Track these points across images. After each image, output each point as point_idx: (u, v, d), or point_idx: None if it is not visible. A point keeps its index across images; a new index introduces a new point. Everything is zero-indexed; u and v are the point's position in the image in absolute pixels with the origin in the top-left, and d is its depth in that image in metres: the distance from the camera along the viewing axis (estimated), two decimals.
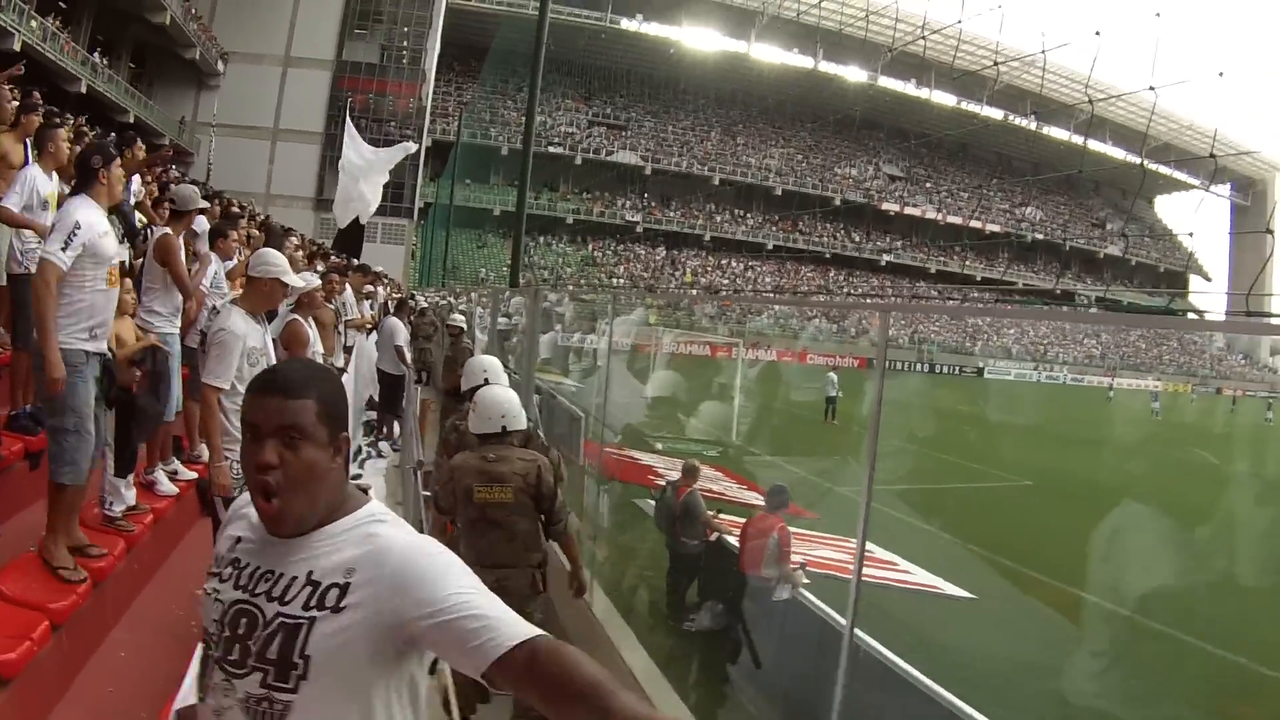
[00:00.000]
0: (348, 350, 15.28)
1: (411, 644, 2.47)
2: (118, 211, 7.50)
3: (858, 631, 5.96)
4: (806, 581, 10.61)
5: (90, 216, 6.47)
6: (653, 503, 14.09)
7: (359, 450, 16.67)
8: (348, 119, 26.32)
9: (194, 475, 9.87)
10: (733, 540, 12.07)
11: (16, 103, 10.43)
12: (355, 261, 27.52)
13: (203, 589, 2.65)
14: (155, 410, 8.54)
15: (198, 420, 10.27)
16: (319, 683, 2.42)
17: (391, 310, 21.83)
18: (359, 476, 15.03)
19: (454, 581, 2.42)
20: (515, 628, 2.33)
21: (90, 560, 6.91)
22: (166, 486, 9.30)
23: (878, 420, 5.57)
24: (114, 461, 7.83)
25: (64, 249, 6.25)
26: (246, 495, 2.64)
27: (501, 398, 7.61)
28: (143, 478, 9.05)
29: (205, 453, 9.81)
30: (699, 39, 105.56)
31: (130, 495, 8.21)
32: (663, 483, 14.10)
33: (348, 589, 2.44)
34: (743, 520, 12.49)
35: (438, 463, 9.06)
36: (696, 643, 11.29)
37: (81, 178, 6.78)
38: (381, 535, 2.53)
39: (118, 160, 6.85)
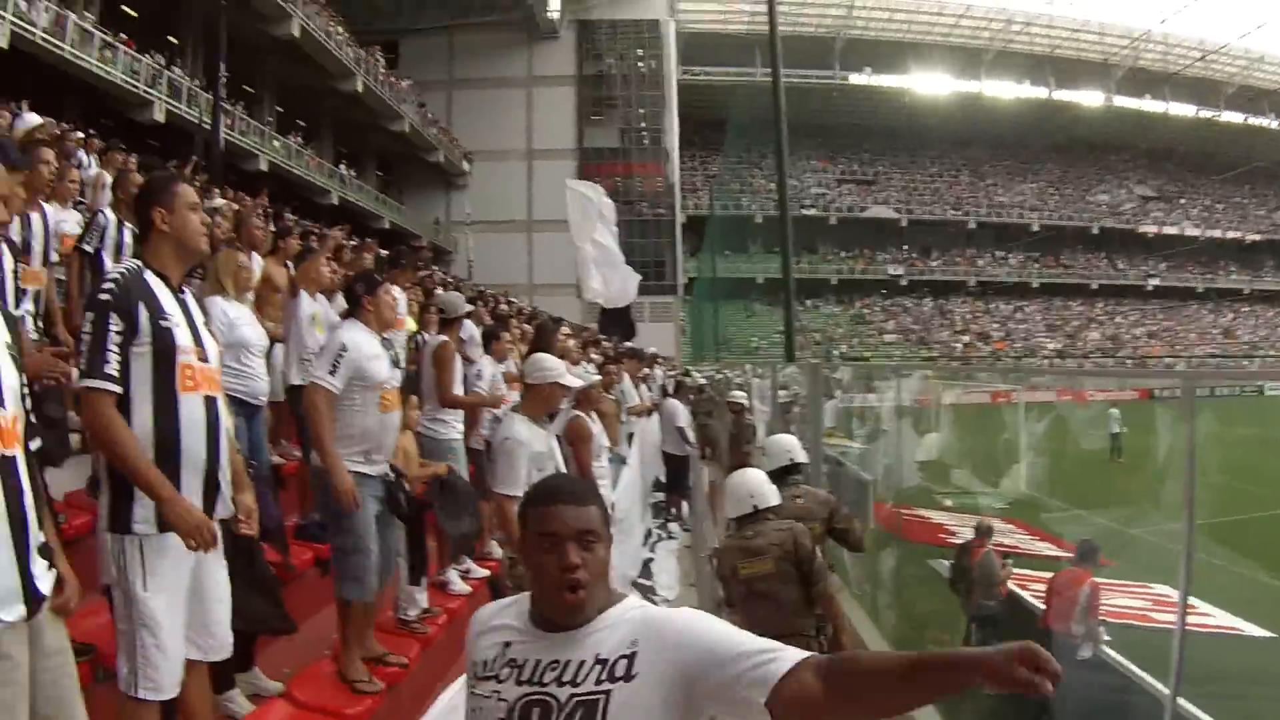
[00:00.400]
0: (629, 437, 15.38)
1: (695, 696, 2.64)
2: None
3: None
4: (1107, 638, 10.26)
5: (357, 338, 6.63)
6: (946, 562, 13.79)
7: (649, 533, 16.78)
8: (590, 195, 25.13)
9: (486, 573, 10.01)
10: (1028, 596, 11.77)
11: (272, 230, 10.83)
12: (626, 345, 27.64)
13: (472, 693, 2.85)
14: (460, 533, 8.64)
15: (487, 518, 10.49)
16: None
17: (670, 391, 21.92)
18: (651, 560, 15.09)
19: (722, 630, 2.75)
20: (788, 652, 2.58)
21: (387, 668, 7.11)
22: (459, 586, 9.47)
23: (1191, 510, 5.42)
24: (407, 570, 7.99)
25: (331, 373, 6.44)
26: (494, 607, 3.05)
27: (747, 480, 7.80)
28: (435, 578, 9.23)
29: (495, 549, 10.00)
30: (930, 84, 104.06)
31: (423, 599, 8.39)
32: (955, 541, 13.83)
33: (634, 657, 2.67)
34: (1036, 574, 12.17)
35: None
36: (993, 706, 10.95)
37: (349, 305, 7.00)
38: (650, 610, 2.86)
39: (383, 286, 7.02)
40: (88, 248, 8.79)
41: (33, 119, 11.18)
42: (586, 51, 78.81)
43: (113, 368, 4.26)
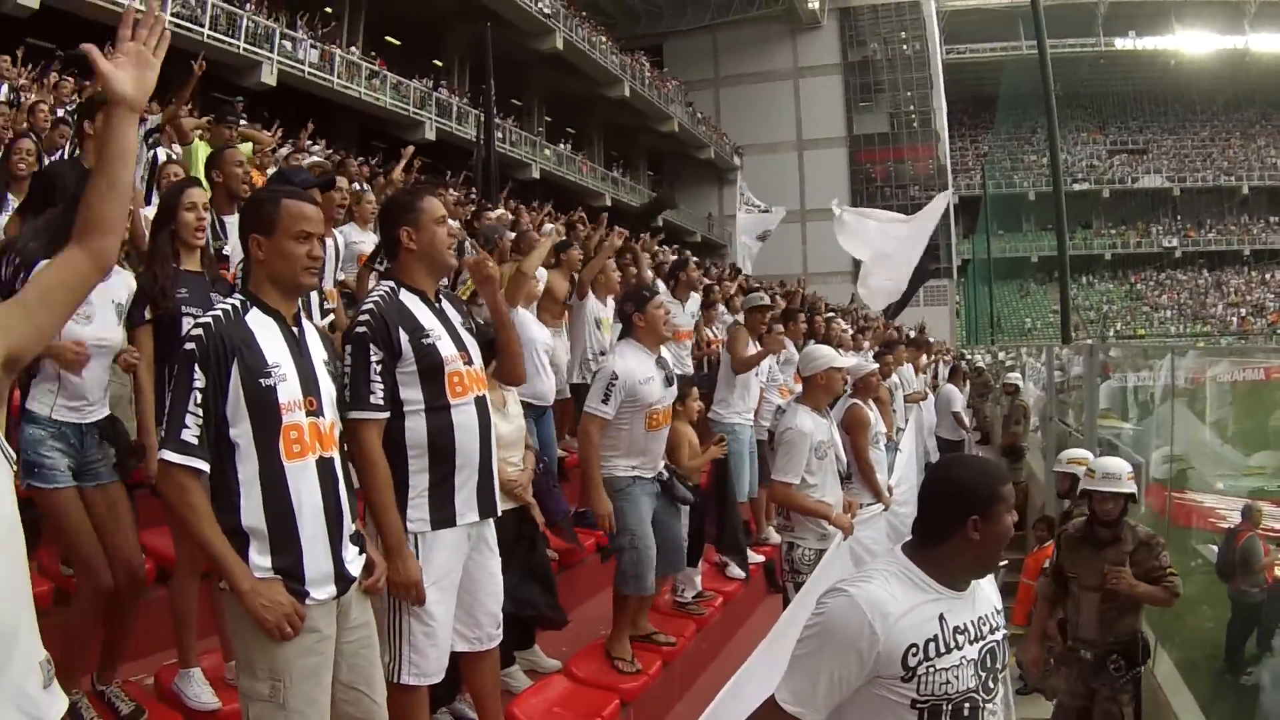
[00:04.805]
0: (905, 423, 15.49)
1: None
2: None
3: None
4: None
5: (628, 365, 6.87)
6: (1215, 548, 13.43)
7: None
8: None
9: (761, 558, 10.39)
10: None
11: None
12: (911, 333, 27.54)
13: (932, 669, 3.37)
14: (722, 534, 8.81)
15: (764, 505, 10.84)
16: None
17: (945, 377, 21.91)
18: None
19: None
20: None
21: (659, 646, 7.49)
22: (737, 570, 9.70)
23: None
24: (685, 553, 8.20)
25: (604, 401, 6.75)
26: (879, 591, 3.38)
27: (1123, 463, 7.87)
28: (716, 560, 9.62)
29: (772, 535, 10.34)
30: (1194, 43, 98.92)
31: (699, 581, 8.76)
32: (1225, 525, 13.46)
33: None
34: None
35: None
36: (1254, 699, 10.54)
37: (623, 325, 7.30)
38: None
39: (653, 300, 7.17)
40: (379, 268, 9.14)
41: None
42: (850, 38, 78.42)
43: (378, 397, 4.55)
